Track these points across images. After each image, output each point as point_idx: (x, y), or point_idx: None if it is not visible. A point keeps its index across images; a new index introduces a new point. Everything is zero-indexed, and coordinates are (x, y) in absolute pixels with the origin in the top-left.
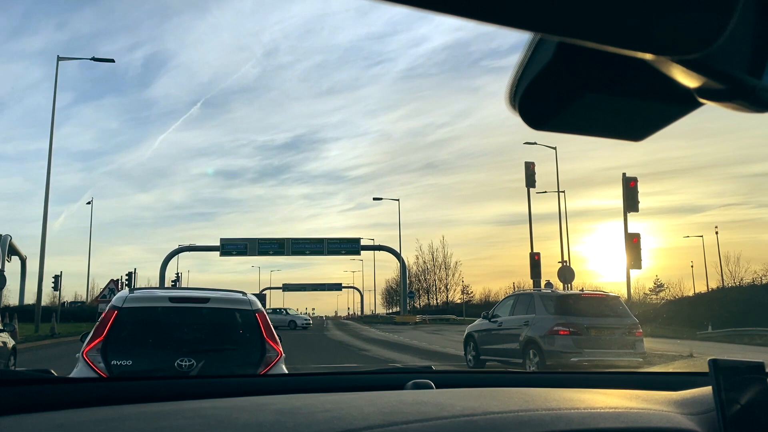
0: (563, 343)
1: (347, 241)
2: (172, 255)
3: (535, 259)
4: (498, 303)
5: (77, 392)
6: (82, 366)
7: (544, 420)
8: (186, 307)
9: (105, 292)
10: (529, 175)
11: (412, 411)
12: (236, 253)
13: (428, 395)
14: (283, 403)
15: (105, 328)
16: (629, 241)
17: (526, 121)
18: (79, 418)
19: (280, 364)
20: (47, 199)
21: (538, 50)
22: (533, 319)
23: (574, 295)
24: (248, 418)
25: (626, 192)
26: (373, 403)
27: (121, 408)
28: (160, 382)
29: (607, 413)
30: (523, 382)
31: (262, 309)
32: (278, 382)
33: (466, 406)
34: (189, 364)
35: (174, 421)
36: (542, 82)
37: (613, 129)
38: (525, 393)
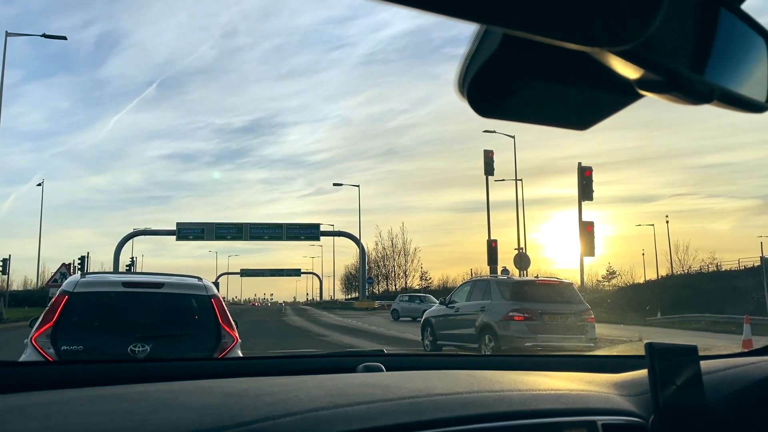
0: (518, 328)
1: (307, 226)
2: (127, 239)
3: (492, 246)
4: (455, 289)
5: (21, 376)
6: (30, 351)
7: (487, 401)
8: (140, 292)
9: (56, 276)
10: (487, 162)
11: (359, 393)
12: (193, 238)
13: (377, 378)
14: (230, 387)
15: (55, 314)
16: (583, 229)
17: (475, 108)
18: (21, 401)
19: (236, 349)
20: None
21: (485, 40)
22: (489, 304)
23: (529, 281)
24: (194, 402)
25: (581, 181)
26: (321, 386)
27: (66, 392)
28: (109, 366)
29: (548, 395)
30: (472, 365)
31: (218, 294)
32: (230, 365)
33: (413, 388)
34: (142, 350)
35: (118, 404)
36: (489, 70)
37: (559, 117)
38: (471, 375)
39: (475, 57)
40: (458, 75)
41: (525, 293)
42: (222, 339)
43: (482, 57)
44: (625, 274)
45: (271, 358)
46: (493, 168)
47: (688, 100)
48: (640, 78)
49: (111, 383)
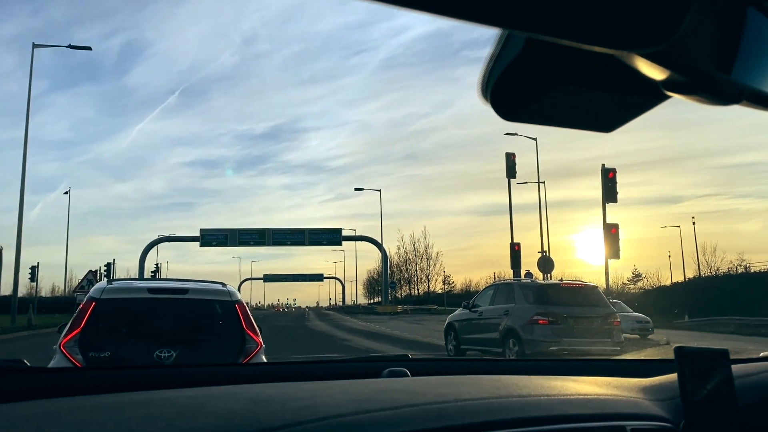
0: (542, 332)
1: (328, 231)
2: (152, 245)
3: (515, 249)
4: (478, 293)
5: (50, 382)
6: (59, 357)
7: (514, 407)
8: (165, 298)
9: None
10: (509, 165)
11: (385, 399)
12: (216, 244)
13: (403, 383)
14: (256, 392)
15: (83, 320)
16: (608, 231)
17: (498, 112)
18: (51, 407)
19: (260, 355)
20: (23, 188)
21: (508, 43)
22: (513, 308)
23: (553, 284)
24: (220, 407)
25: (605, 183)
26: (347, 391)
27: (94, 398)
28: (136, 372)
29: (576, 400)
30: (497, 370)
31: (242, 300)
32: (255, 371)
33: (439, 394)
34: (168, 356)
35: (146, 410)
36: (512, 74)
37: (583, 120)
38: (497, 380)
39: (498, 60)
40: (481, 79)
41: (549, 297)
42: (246, 344)
43: (505, 60)
44: (651, 277)
45: (295, 363)
46: (515, 170)
47: (716, 101)
48: (666, 79)
49: (138, 389)
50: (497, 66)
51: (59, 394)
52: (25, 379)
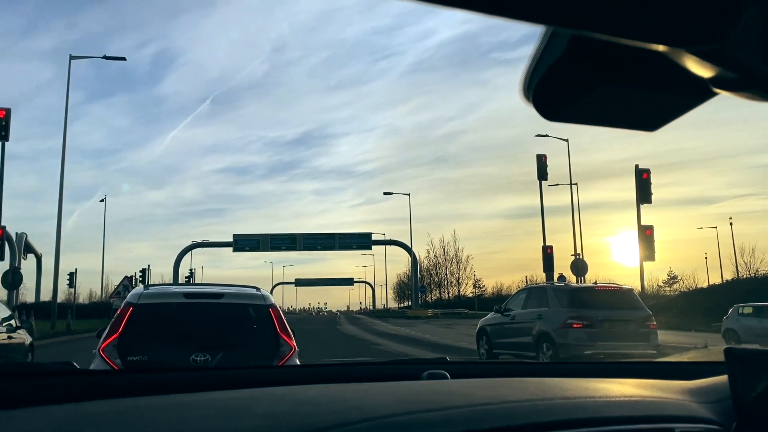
0: (577, 335)
1: (358, 235)
2: (186, 251)
3: (548, 252)
4: (511, 297)
5: (99, 384)
6: (98, 362)
7: (559, 409)
8: (200, 302)
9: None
10: (541, 167)
11: (429, 400)
12: (249, 249)
13: (444, 385)
14: (300, 394)
15: (120, 325)
16: (642, 233)
17: (541, 112)
18: (102, 408)
19: (294, 358)
20: (61, 197)
21: (552, 43)
22: (546, 312)
23: (587, 287)
24: (266, 409)
25: (639, 184)
26: (391, 393)
27: (143, 399)
28: (179, 374)
29: (622, 402)
30: (537, 373)
31: (275, 304)
32: (294, 373)
33: (483, 396)
34: (204, 360)
35: (193, 411)
36: (556, 74)
37: (627, 119)
38: (540, 382)
39: (542, 60)
40: (523, 79)
41: (583, 300)
42: (280, 348)
43: (549, 60)
44: (687, 279)
45: (335, 365)
46: (546, 172)
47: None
48: (717, 76)
49: (181, 391)
50: (540, 65)
51: (108, 396)
52: (75, 380)
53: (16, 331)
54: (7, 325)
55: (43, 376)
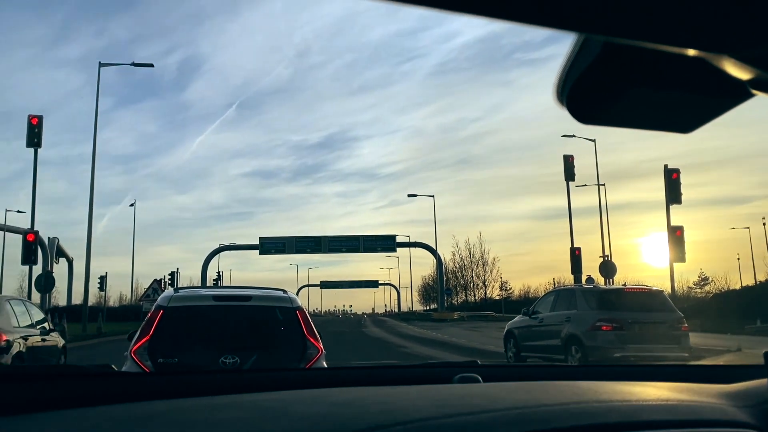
0: (606, 338)
1: (383, 238)
2: (214, 254)
3: (576, 254)
4: (538, 299)
5: (136, 386)
6: (130, 364)
7: (595, 412)
8: (229, 305)
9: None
10: (568, 168)
11: (464, 403)
12: (275, 252)
13: (477, 389)
14: (335, 396)
15: (151, 328)
16: (672, 233)
17: (575, 115)
18: (142, 410)
19: (321, 360)
20: (92, 202)
21: (585, 46)
22: (575, 314)
23: (616, 289)
24: (304, 410)
25: (668, 184)
26: (425, 396)
27: (181, 401)
28: (212, 376)
29: (659, 405)
30: (570, 376)
31: (302, 306)
32: (325, 375)
33: (517, 399)
34: (233, 362)
35: (232, 413)
36: (590, 77)
37: (662, 122)
38: (574, 386)
39: (575, 64)
40: (557, 82)
41: (612, 302)
42: (308, 350)
43: (583, 63)
44: (719, 280)
45: (365, 368)
46: (573, 173)
47: None
48: (755, 78)
49: (214, 393)
50: (574, 69)
51: (146, 398)
52: (114, 383)
53: (49, 333)
54: (41, 327)
55: (82, 378)
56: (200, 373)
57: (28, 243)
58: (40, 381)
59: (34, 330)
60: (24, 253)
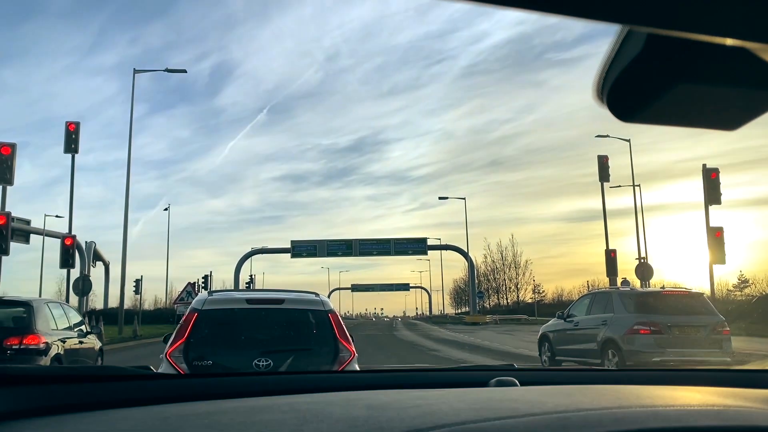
0: (644, 342)
1: (414, 241)
2: (246, 257)
3: (611, 256)
4: (573, 302)
5: (176, 387)
6: (166, 366)
7: (639, 417)
8: (262, 308)
9: (182, 295)
10: (602, 168)
11: (503, 407)
12: (306, 255)
13: (516, 392)
14: (372, 399)
15: (186, 330)
16: (711, 235)
17: (616, 113)
18: (182, 411)
19: (354, 363)
20: (127, 206)
21: (628, 41)
22: (611, 318)
23: (654, 292)
24: (341, 413)
25: (707, 184)
26: (462, 399)
27: (220, 403)
28: (250, 378)
29: (704, 411)
30: (609, 380)
31: (335, 309)
32: (361, 378)
33: (557, 403)
34: (266, 364)
35: (271, 414)
36: (632, 73)
37: (707, 119)
38: (616, 390)
39: (617, 60)
40: (597, 80)
41: (650, 305)
42: (340, 353)
43: (625, 59)
44: (760, 283)
45: (400, 371)
46: (608, 174)
47: None
48: None
49: (252, 395)
50: (615, 65)
51: (185, 399)
52: (154, 384)
53: (87, 336)
54: (78, 330)
55: (123, 379)
56: (237, 375)
57: (66, 247)
58: (82, 382)
59: (71, 333)
60: (62, 257)
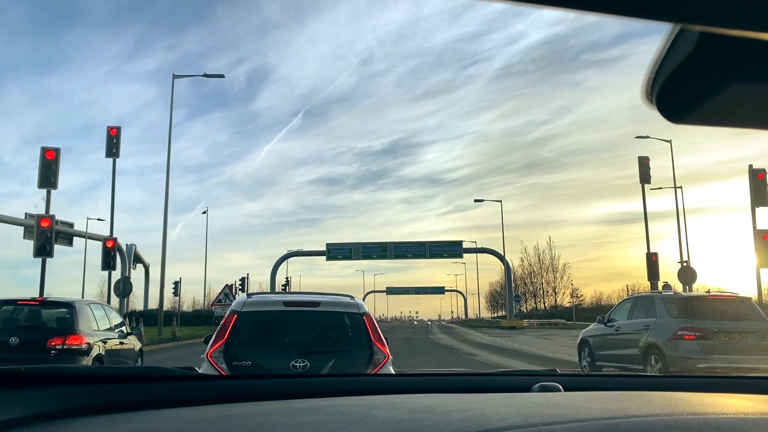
0: (689, 348)
1: (449, 244)
2: (282, 260)
3: (653, 259)
4: (614, 307)
5: (220, 389)
6: (206, 366)
7: (691, 425)
8: (299, 310)
9: (220, 297)
10: (643, 170)
11: (550, 413)
12: (341, 257)
13: (561, 398)
14: (416, 402)
15: (226, 331)
16: (759, 238)
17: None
18: (227, 412)
19: (388, 365)
20: (166, 210)
21: (678, 41)
22: (654, 323)
23: (699, 296)
24: (386, 416)
25: (753, 185)
26: (507, 404)
27: (263, 404)
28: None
29: (760, 419)
30: (656, 386)
31: (369, 312)
32: (402, 381)
33: (605, 409)
34: (303, 366)
35: (315, 416)
36: (683, 73)
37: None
38: (665, 396)
39: (667, 59)
40: (646, 81)
41: (695, 310)
42: (374, 355)
43: (676, 59)
44: None
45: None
46: (649, 175)
47: None
48: None
49: (294, 397)
50: (665, 65)
51: (229, 400)
52: (199, 385)
53: (127, 337)
54: (119, 331)
55: (169, 380)
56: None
57: (108, 249)
58: (129, 382)
59: (112, 333)
60: (103, 259)
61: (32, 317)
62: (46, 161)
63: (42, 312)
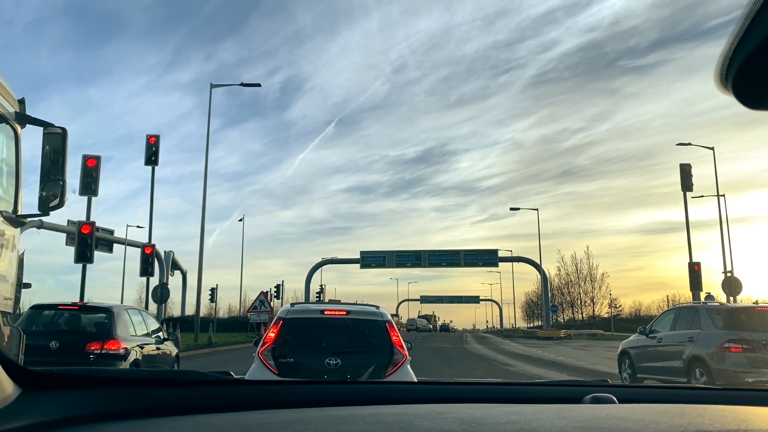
0: (735, 360)
1: (484, 252)
2: (316, 268)
3: (695, 269)
4: (656, 318)
5: (256, 394)
6: (258, 363)
7: None
8: (333, 317)
9: (256, 304)
10: (684, 177)
11: (611, 426)
12: (375, 265)
13: (621, 410)
14: (462, 413)
15: (274, 334)
16: None
17: (742, 100)
18: (264, 419)
19: (406, 365)
20: (203, 218)
21: (759, 18)
22: (699, 334)
23: (746, 308)
24: (430, 426)
25: None
26: (562, 416)
27: (303, 411)
28: (327, 387)
29: None
30: (715, 399)
31: (391, 320)
32: (447, 390)
33: (673, 423)
34: (335, 363)
35: (356, 426)
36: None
37: None
38: (736, 411)
39: (745, 40)
40: (720, 65)
41: (742, 321)
42: (394, 356)
43: (755, 39)
44: None
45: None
46: (691, 183)
47: None
48: None
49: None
50: (743, 47)
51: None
52: (234, 390)
53: (164, 342)
54: (156, 336)
55: (205, 384)
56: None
57: (146, 256)
58: (165, 386)
59: (149, 339)
60: (142, 266)
61: (72, 322)
62: (87, 169)
63: (81, 317)
